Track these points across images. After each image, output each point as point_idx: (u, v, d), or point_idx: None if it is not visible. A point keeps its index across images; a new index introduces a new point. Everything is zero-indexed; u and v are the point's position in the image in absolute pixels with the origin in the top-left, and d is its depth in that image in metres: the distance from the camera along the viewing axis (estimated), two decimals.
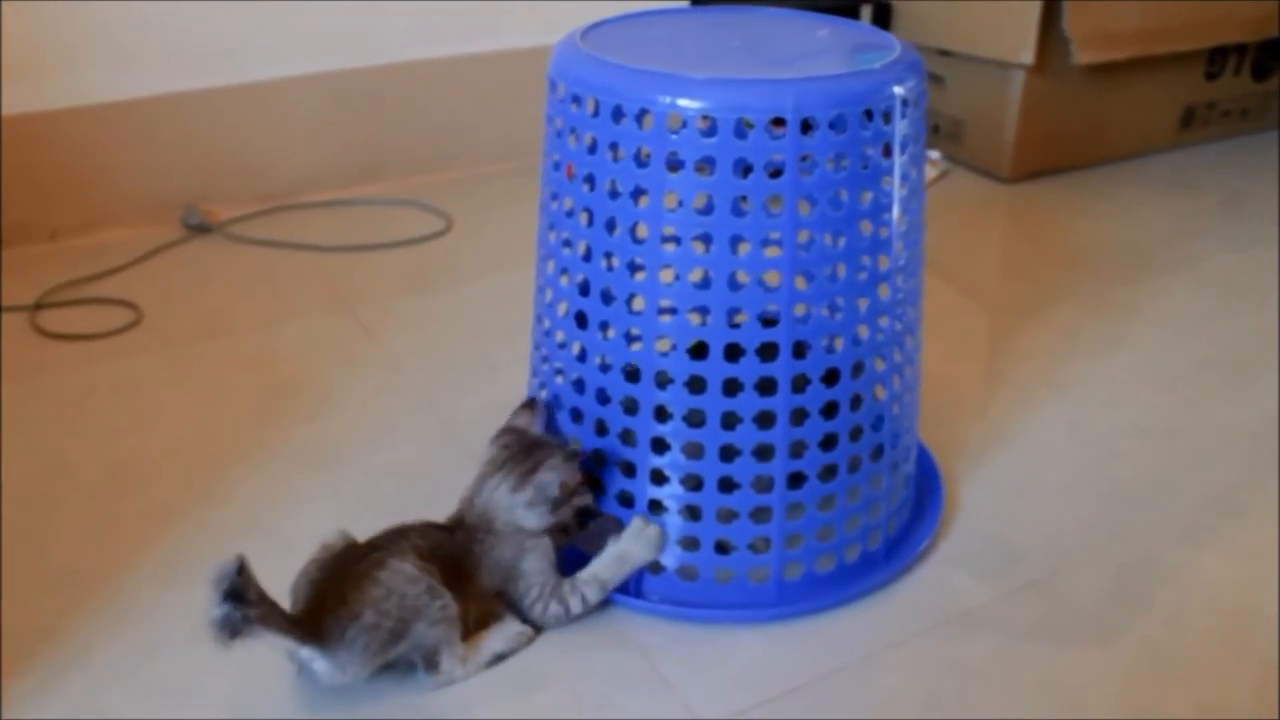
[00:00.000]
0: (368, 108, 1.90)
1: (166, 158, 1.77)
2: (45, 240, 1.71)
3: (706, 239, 0.96)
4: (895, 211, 1.01)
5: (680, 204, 0.95)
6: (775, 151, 0.93)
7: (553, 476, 0.99)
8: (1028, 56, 1.90)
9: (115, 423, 1.30)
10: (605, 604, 1.03)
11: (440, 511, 1.02)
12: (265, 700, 0.94)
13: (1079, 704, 0.96)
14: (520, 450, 1.02)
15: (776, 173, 0.95)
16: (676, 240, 0.97)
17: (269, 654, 0.88)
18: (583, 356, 1.06)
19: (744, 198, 0.95)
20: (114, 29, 1.68)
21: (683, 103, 0.93)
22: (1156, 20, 1.97)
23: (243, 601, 0.85)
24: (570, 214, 1.02)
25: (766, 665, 0.99)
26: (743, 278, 0.99)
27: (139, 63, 1.71)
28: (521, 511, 0.99)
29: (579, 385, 1.07)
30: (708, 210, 0.96)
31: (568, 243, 1.04)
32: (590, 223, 1.01)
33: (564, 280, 1.05)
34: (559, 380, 1.09)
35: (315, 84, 1.85)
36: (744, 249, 0.97)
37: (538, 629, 1.01)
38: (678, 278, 0.98)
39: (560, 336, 1.08)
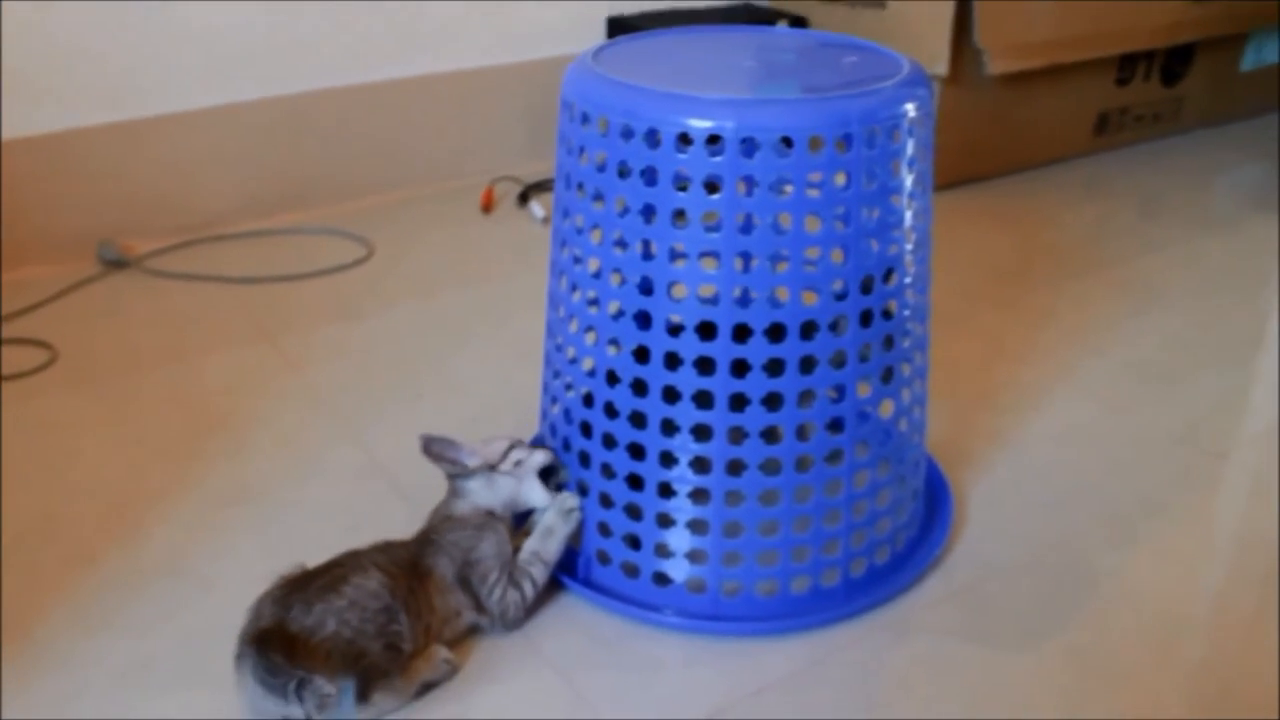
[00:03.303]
0: (287, 136, 1.88)
1: (80, 192, 1.74)
2: None
3: (715, 255, 0.97)
4: (903, 229, 1.02)
5: (688, 222, 0.96)
6: (781, 170, 0.94)
7: (435, 454, 1.05)
8: (941, 68, 1.92)
9: (31, 466, 1.27)
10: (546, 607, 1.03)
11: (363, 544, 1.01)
12: None
13: (1006, 711, 0.97)
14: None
15: (784, 190, 0.96)
16: (685, 257, 0.98)
17: (193, 698, 0.86)
18: (592, 371, 1.06)
19: (750, 215, 0.95)
20: (22, 64, 1.65)
21: (691, 122, 0.93)
22: (1067, 29, 2.01)
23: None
24: (581, 231, 1.04)
25: (690, 686, 0.99)
26: (752, 294, 0.99)
27: (49, 97, 1.68)
28: (476, 492, 1.05)
29: (588, 400, 1.07)
30: (715, 228, 0.96)
31: (578, 259, 1.05)
32: (601, 241, 1.02)
33: (575, 296, 1.06)
34: (569, 394, 1.10)
35: (233, 113, 1.83)
36: (753, 264, 0.98)
37: (505, 626, 1.03)
38: (688, 294, 0.99)
39: (571, 352, 1.09)
